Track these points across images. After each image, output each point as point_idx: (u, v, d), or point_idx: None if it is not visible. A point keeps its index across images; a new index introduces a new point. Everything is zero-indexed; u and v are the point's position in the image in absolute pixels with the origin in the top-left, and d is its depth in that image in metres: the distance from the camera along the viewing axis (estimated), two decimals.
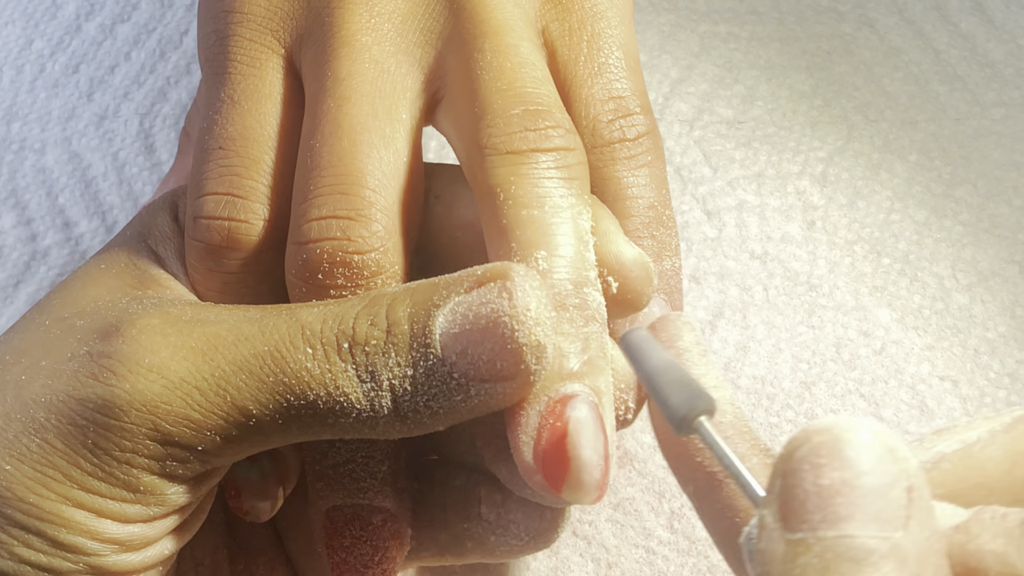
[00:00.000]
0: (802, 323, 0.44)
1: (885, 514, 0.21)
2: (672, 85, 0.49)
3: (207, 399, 0.29)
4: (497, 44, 0.33)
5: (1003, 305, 0.44)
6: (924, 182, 0.47)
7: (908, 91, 0.49)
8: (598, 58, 0.35)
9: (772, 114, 0.48)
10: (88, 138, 0.49)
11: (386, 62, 0.34)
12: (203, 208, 0.33)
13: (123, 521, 0.29)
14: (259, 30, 0.35)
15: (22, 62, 0.51)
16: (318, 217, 0.31)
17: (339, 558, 0.33)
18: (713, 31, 0.50)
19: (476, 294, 0.29)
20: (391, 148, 0.33)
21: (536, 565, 0.40)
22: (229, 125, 0.34)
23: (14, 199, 0.48)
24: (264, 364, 0.29)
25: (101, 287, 0.33)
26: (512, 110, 0.32)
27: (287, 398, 0.29)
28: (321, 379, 0.29)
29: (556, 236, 0.31)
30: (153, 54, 0.51)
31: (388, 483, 0.33)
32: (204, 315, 0.30)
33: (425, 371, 0.29)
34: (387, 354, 0.29)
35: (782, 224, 0.46)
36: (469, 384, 0.29)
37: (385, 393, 0.29)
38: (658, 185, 0.35)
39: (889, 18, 0.50)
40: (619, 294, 0.32)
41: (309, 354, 0.29)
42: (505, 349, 0.28)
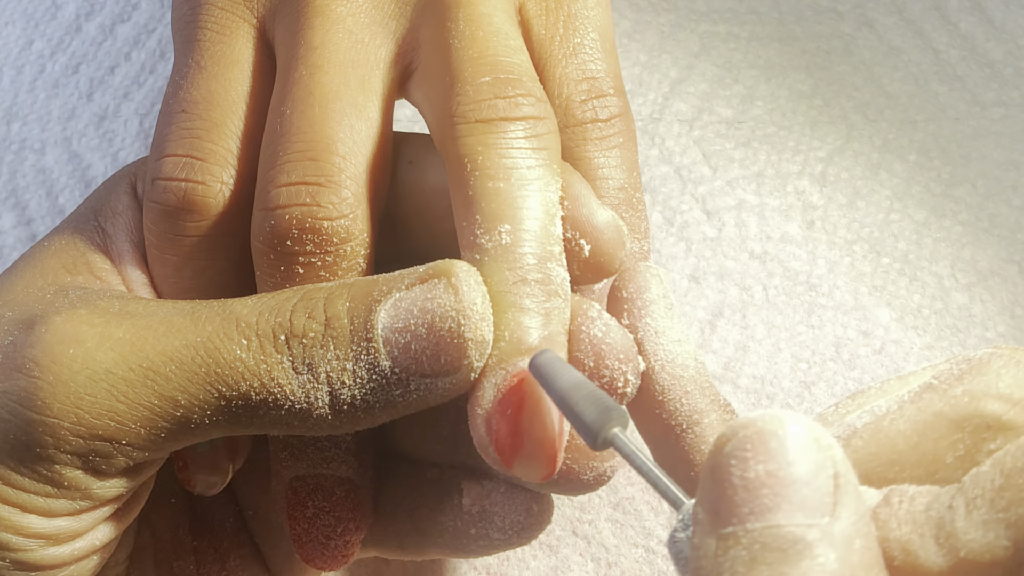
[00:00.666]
0: (802, 323, 0.44)
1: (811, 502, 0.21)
2: (672, 85, 0.49)
3: (133, 390, 0.28)
4: (470, 13, 0.33)
5: (1002, 304, 0.44)
6: (923, 182, 0.47)
7: (907, 91, 0.49)
8: (573, 38, 0.35)
9: (772, 114, 0.48)
10: (88, 138, 0.49)
11: (360, 33, 0.34)
12: (162, 169, 0.33)
13: (48, 516, 0.29)
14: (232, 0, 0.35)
15: (22, 62, 0.51)
16: (287, 183, 0.31)
17: (301, 528, 0.33)
18: (713, 31, 0.50)
19: (420, 290, 0.29)
20: (362, 117, 0.33)
21: (536, 564, 0.40)
22: (193, 89, 0.34)
23: (14, 199, 0.48)
24: (195, 354, 0.29)
25: (36, 269, 0.33)
26: (482, 78, 0.32)
27: (218, 389, 0.29)
28: (255, 370, 0.29)
29: (521, 209, 0.30)
30: (153, 54, 0.51)
31: (352, 453, 0.33)
32: (133, 308, 0.30)
33: (365, 366, 0.29)
34: (325, 347, 0.29)
35: (782, 224, 0.46)
36: (409, 379, 0.29)
37: (322, 386, 0.29)
38: (629, 167, 0.35)
39: (888, 18, 0.50)
40: (591, 257, 0.32)
41: (244, 345, 0.29)
42: (451, 344, 0.28)
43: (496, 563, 0.41)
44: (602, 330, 0.31)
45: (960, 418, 0.24)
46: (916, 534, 0.22)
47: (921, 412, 0.25)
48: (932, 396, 0.25)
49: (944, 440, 0.24)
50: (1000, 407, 0.24)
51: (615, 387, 0.31)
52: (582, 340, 0.31)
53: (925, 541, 0.22)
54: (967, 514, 0.21)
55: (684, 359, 0.31)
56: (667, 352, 0.31)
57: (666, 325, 0.31)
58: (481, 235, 0.30)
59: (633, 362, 0.31)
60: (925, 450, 0.24)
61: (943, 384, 0.25)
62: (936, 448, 0.24)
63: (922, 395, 0.25)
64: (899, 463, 0.25)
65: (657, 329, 0.31)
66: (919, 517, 0.22)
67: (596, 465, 0.31)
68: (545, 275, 0.30)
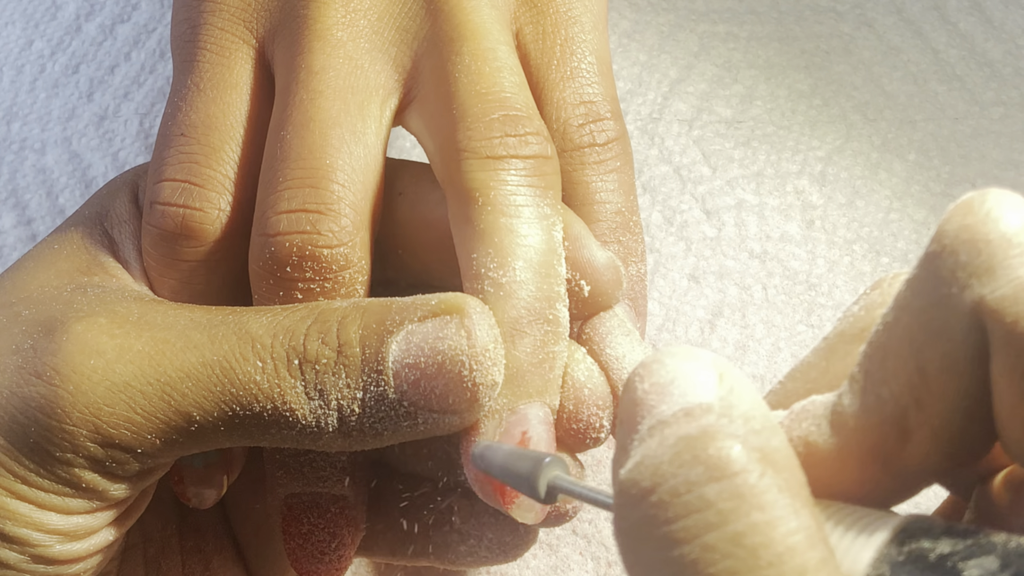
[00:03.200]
0: (801, 322, 0.44)
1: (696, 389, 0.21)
2: (671, 85, 0.49)
3: (150, 403, 0.29)
4: (475, 48, 0.33)
5: None
6: (923, 181, 0.47)
7: (907, 90, 0.49)
8: (571, 62, 0.36)
9: (771, 113, 0.48)
10: (88, 138, 0.49)
11: (360, 59, 0.34)
12: (160, 194, 0.33)
13: (66, 513, 0.30)
14: (231, 20, 0.35)
15: (22, 62, 0.51)
16: (287, 210, 0.32)
17: (295, 544, 0.33)
18: (712, 31, 0.50)
19: (432, 326, 0.29)
20: (361, 144, 0.33)
21: (536, 563, 0.40)
22: (192, 112, 0.34)
23: (14, 199, 0.48)
24: (211, 373, 0.29)
25: (50, 270, 0.33)
26: (492, 114, 0.32)
27: (232, 408, 0.29)
28: (269, 393, 0.29)
29: (533, 247, 0.31)
30: (153, 54, 0.51)
31: (347, 472, 0.33)
32: (152, 317, 0.31)
33: (374, 396, 0.29)
34: (337, 374, 0.29)
35: (781, 223, 0.46)
36: (418, 413, 0.29)
37: (332, 412, 0.29)
38: (626, 191, 0.35)
39: (888, 18, 0.51)
40: (590, 297, 0.33)
41: (259, 367, 0.29)
42: (461, 386, 0.29)
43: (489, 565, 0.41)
44: (585, 375, 0.31)
45: (859, 330, 0.24)
46: (814, 425, 0.22)
47: (826, 340, 0.25)
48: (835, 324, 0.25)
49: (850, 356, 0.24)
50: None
51: (590, 432, 0.31)
52: (566, 383, 0.31)
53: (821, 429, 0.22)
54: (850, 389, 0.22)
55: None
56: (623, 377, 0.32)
57: (625, 351, 0.32)
58: (494, 269, 0.30)
59: (609, 408, 0.32)
60: (835, 372, 0.24)
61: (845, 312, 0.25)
62: (844, 366, 0.24)
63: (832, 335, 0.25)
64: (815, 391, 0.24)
65: (617, 356, 0.32)
66: (818, 411, 0.22)
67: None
68: (555, 316, 0.31)
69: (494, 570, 0.40)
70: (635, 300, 0.35)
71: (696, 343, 0.44)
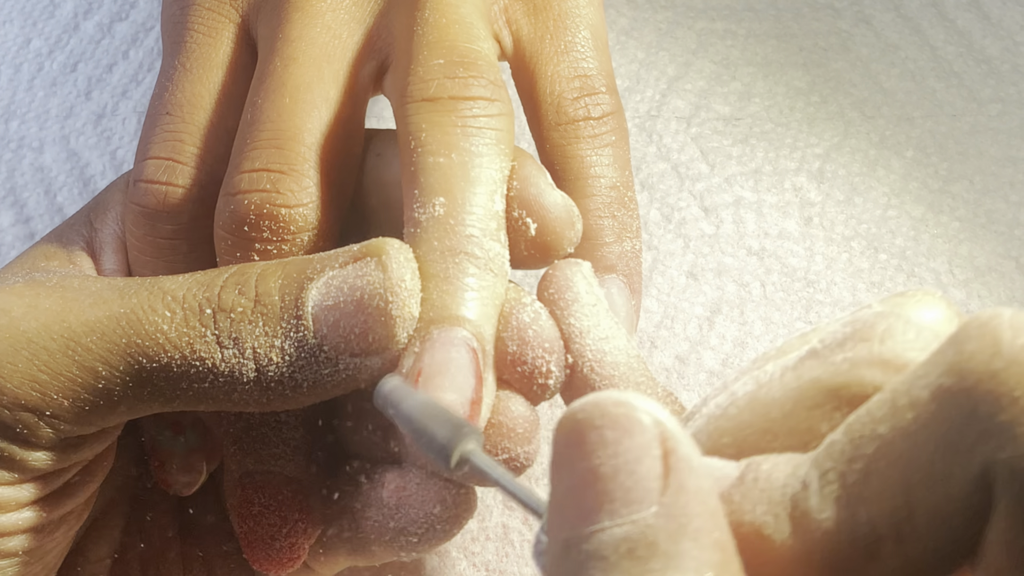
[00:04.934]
0: (799, 319, 0.44)
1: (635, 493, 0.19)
2: (669, 82, 0.49)
3: (54, 359, 0.28)
4: (437, 3, 0.33)
5: (1000, 300, 0.44)
6: (921, 178, 0.47)
7: (905, 87, 0.49)
8: (565, 36, 0.35)
9: (769, 111, 0.48)
10: (86, 136, 0.49)
11: (338, 28, 0.34)
12: (143, 172, 0.33)
13: None
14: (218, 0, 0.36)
15: (20, 61, 0.51)
16: (250, 169, 0.31)
17: (247, 527, 0.33)
18: (710, 28, 0.50)
19: (351, 268, 0.29)
20: (332, 110, 0.33)
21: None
22: (178, 92, 0.34)
23: (12, 197, 0.48)
24: (117, 325, 0.29)
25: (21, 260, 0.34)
26: (435, 60, 0.32)
27: (139, 360, 0.28)
28: (176, 342, 0.29)
29: (459, 182, 0.30)
30: (151, 52, 0.51)
31: (301, 452, 0.33)
32: (68, 282, 0.30)
33: (294, 343, 0.29)
34: (254, 323, 0.29)
35: (779, 220, 0.46)
36: (338, 358, 0.29)
37: (248, 361, 0.29)
38: (621, 166, 0.35)
39: (886, 15, 0.51)
40: (537, 236, 0.32)
41: (167, 317, 0.29)
42: (378, 321, 0.28)
43: (495, 560, 0.41)
44: (531, 316, 0.30)
45: (838, 386, 0.22)
46: (770, 515, 0.20)
47: (798, 379, 0.23)
48: (812, 363, 0.23)
49: (819, 409, 0.22)
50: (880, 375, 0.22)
51: (536, 378, 0.30)
52: (510, 324, 0.30)
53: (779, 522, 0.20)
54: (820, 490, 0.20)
55: (613, 356, 0.30)
56: (594, 352, 0.30)
57: (590, 324, 0.31)
58: (417, 208, 0.30)
59: (557, 354, 0.30)
60: (799, 419, 0.22)
61: (825, 349, 0.23)
62: (811, 417, 0.22)
63: (804, 361, 0.23)
64: (772, 432, 0.23)
65: (581, 329, 0.31)
66: (775, 495, 0.20)
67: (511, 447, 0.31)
68: (479, 249, 0.30)
69: (492, 568, 0.40)
70: (629, 276, 0.34)
71: (695, 340, 0.44)
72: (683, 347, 0.43)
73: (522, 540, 0.41)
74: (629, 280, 0.34)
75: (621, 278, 0.34)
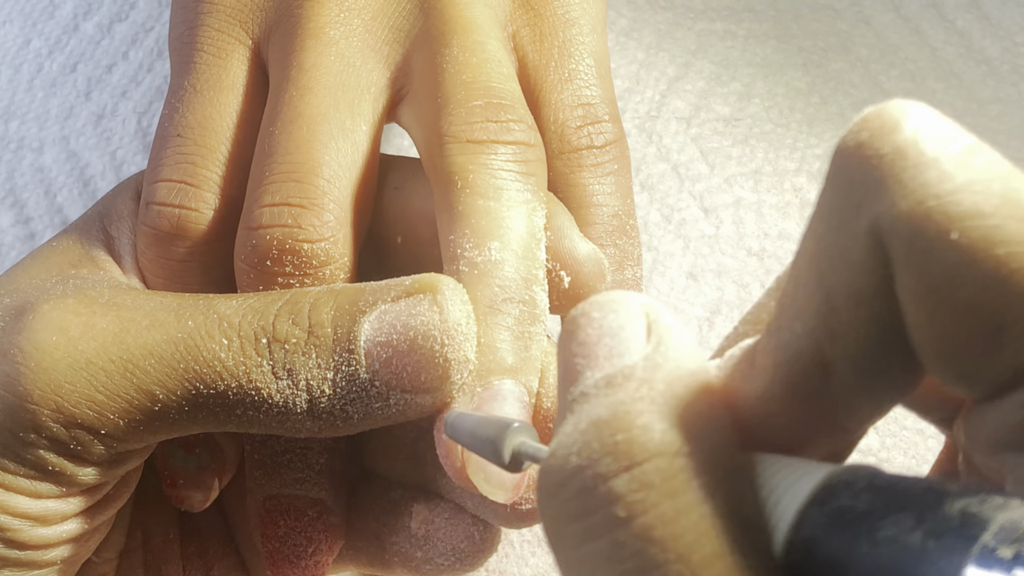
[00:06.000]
0: None
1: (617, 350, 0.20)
2: (669, 83, 0.49)
3: (112, 381, 0.29)
4: (464, 40, 0.33)
5: None
6: None
7: (904, 88, 0.49)
8: (568, 64, 0.36)
9: (769, 111, 0.48)
10: (86, 137, 0.49)
11: (352, 57, 0.34)
12: (156, 194, 0.34)
13: (35, 497, 0.29)
14: (228, 21, 0.36)
15: (20, 61, 0.51)
16: (270, 204, 0.32)
17: (272, 547, 0.33)
18: (710, 29, 0.50)
19: (405, 304, 0.29)
20: (349, 140, 0.33)
21: (535, 561, 0.40)
22: (189, 113, 0.34)
23: (12, 198, 0.48)
24: (176, 350, 0.29)
25: (42, 265, 0.33)
26: (475, 101, 0.32)
27: (196, 386, 0.29)
28: (234, 371, 0.29)
29: (510, 229, 0.31)
30: (151, 53, 0.51)
31: (325, 476, 0.33)
32: (121, 299, 0.30)
33: (346, 376, 0.29)
34: (307, 354, 0.29)
35: (779, 221, 0.46)
36: (389, 393, 0.29)
37: (301, 392, 0.29)
38: (623, 194, 0.35)
39: (885, 15, 0.51)
40: (571, 289, 0.32)
41: (224, 344, 0.29)
42: (433, 363, 0.29)
43: (495, 560, 0.41)
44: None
45: None
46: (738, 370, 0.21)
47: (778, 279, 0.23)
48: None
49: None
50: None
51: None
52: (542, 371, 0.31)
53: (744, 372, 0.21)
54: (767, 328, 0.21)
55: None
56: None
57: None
58: (470, 249, 0.30)
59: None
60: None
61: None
62: None
63: None
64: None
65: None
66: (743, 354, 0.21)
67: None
68: (531, 298, 0.31)
69: (492, 568, 0.40)
70: None
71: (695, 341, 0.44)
72: None
73: (522, 540, 0.41)
74: None
75: None
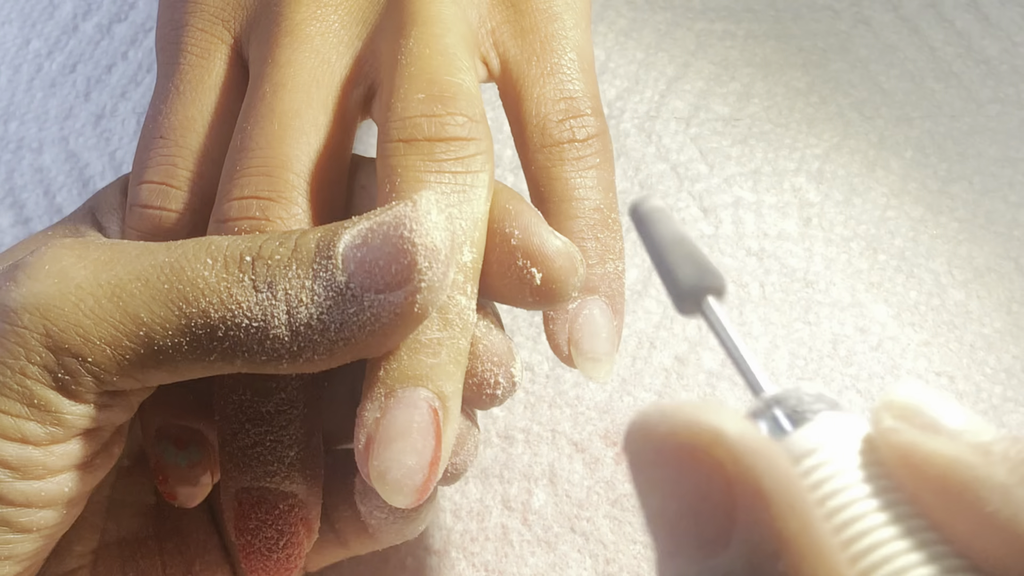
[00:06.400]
0: (799, 319, 0.44)
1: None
2: (668, 83, 0.49)
3: (99, 305, 0.29)
4: (422, 33, 0.33)
5: (999, 301, 0.44)
6: (920, 179, 0.47)
7: (904, 88, 0.49)
8: (551, 59, 0.35)
9: (768, 111, 0.48)
10: (85, 137, 0.49)
11: (328, 53, 0.34)
12: (138, 197, 0.34)
13: (20, 441, 0.29)
14: (211, 21, 0.36)
15: (19, 62, 0.51)
16: (239, 197, 0.32)
17: (245, 540, 0.33)
18: (709, 29, 0.50)
19: (382, 210, 0.29)
20: (321, 136, 0.33)
21: (534, 561, 0.40)
22: (171, 115, 0.35)
23: (12, 198, 0.48)
24: (162, 273, 0.29)
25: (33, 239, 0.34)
26: (417, 95, 0.32)
27: (179, 305, 0.29)
28: (215, 286, 0.29)
29: None
30: (150, 53, 0.51)
31: (296, 469, 0.33)
32: (119, 243, 0.31)
33: (323, 283, 0.29)
34: (288, 267, 0.29)
35: (778, 221, 0.46)
36: (364, 296, 0.29)
37: (280, 303, 0.29)
38: (605, 188, 0.35)
39: (884, 15, 0.51)
40: (543, 285, 0.32)
41: (208, 264, 0.29)
42: (402, 251, 0.28)
43: (495, 560, 0.41)
44: (481, 331, 0.31)
45: None
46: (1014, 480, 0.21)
47: None
48: None
49: None
50: None
51: (484, 389, 0.31)
52: None
53: None
54: None
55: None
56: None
57: None
58: None
59: (506, 366, 0.31)
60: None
61: None
62: None
63: None
64: None
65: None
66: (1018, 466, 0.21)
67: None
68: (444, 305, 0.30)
69: (492, 568, 0.40)
70: (612, 297, 0.35)
71: (693, 340, 0.44)
72: (682, 347, 0.43)
73: (521, 540, 0.41)
74: (612, 301, 0.35)
75: (603, 299, 0.35)
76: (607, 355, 0.34)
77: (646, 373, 0.43)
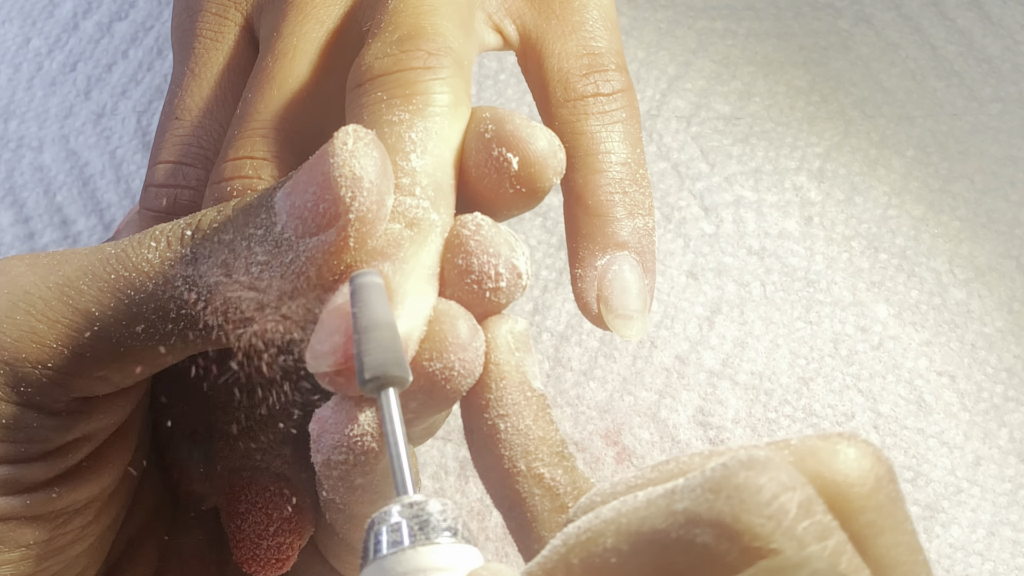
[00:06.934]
0: (800, 319, 0.44)
1: None
2: (669, 81, 0.49)
3: (50, 307, 0.28)
4: None
5: (1000, 300, 0.44)
6: (921, 178, 0.47)
7: (905, 87, 0.49)
8: (572, 17, 0.34)
9: (769, 110, 0.48)
10: (86, 136, 0.49)
11: (331, 22, 0.34)
12: (153, 177, 0.34)
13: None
14: (223, 3, 0.36)
15: (19, 60, 0.51)
16: (234, 157, 0.32)
17: (235, 526, 0.32)
18: (710, 27, 0.50)
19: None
20: (321, 101, 0.33)
21: None
22: (187, 97, 0.35)
23: (12, 197, 0.48)
24: (107, 265, 0.29)
25: None
26: (378, 43, 0.31)
27: (127, 293, 0.28)
28: (160, 267, 0.29)
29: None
30: (151, 52, 0.51)
31: (286, 444, 0.33)
32: (72, 248, 0.31)
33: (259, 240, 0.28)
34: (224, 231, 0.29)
35: (779, 220, 0.46)
36: (298, 241, 0.28)
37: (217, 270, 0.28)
38: (632, 143, 0.34)
39: (886, 14, 0.51)
40: (521, 169, 0.30)
41: (152, 247, 0.29)
42: (322, 187, 0.27)
43: (495, 560, 0.41)
44: (471, 229, 0.29)
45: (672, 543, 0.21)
46: None
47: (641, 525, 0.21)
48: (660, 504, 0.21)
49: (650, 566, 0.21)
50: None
51: (485, 284, 0.29)
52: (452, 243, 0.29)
53: None
54: None
55: None
56: None
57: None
58: None
59: (505, 257, 0.29)
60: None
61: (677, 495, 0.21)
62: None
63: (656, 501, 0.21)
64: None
65: None
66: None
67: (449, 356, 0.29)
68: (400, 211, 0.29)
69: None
70: (642, 254, 0.33)
71: (694, 340, 0.44)
72: (683, 347, 0.43)
73: None
74: (642, 258, 0.33)
75: (633, 255, 0.33)
76: (639, 312, 0.33)
77: (647, 373, 0.43)
